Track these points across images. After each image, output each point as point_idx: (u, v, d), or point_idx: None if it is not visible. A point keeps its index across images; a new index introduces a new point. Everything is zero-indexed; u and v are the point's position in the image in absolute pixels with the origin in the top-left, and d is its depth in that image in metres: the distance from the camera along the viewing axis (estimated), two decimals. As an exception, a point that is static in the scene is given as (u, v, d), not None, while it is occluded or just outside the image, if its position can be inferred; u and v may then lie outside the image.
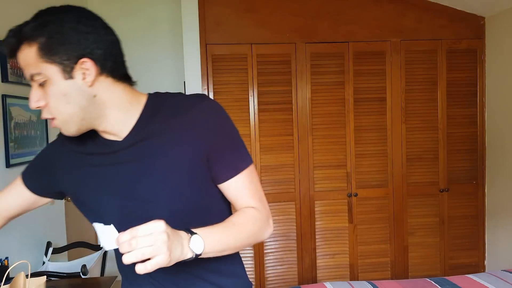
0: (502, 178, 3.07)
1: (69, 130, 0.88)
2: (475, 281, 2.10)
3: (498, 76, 3.07)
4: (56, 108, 0.84)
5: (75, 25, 0.82)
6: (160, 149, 0.89)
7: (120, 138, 0.91)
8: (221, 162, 0.92)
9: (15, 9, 2.29)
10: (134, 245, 0.71)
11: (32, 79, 0.83)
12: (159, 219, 0.76)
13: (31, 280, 1.50)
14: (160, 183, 0.89)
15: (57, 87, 0.82)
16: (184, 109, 0.90)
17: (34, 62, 0.82)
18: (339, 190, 3.08)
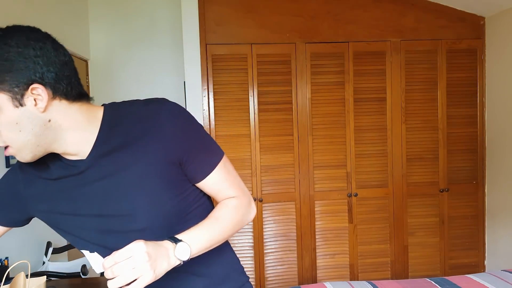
0: (502, 178, 3.07)
1: (24, 158, 0.85)
2: (475, 281, 2.10)
3: (498, 76, 3.07)
4: (9, 137, 0.81)
5: (23, 49, 0.77)
6: (127, 161, 0.86)
7: (83, 157, 0.87)
8: (195, 162, 0.91)
9: (15, 8, 2.30)
10: (116, 271, 0.73)
11: None
12: (137, 237, 0.77)
13: (31, 280, 1.49)
14: (134, 194, 0.87)
15: (8, 116, 0.78)
16: (145, 117, 0.87)
17: None
18: (339, 190, 3.08)
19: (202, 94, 2.95)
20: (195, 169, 0.92)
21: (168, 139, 0.87)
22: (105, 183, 0.87)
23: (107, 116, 0.88)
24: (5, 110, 0.78)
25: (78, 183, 0.89)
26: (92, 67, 3.62)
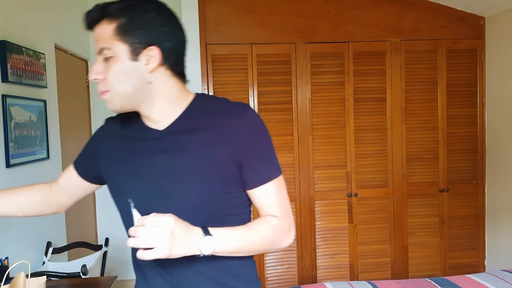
0: (502, 178, 3.07)
1: (114, 106, 0.93)
2: (475, 281, 2.10)
3: (498, 76, 3.07)
4: (112, 83, 0.90)
5: (156, 16, 0.90)
6: (194, 145, 0.93)
7: (160, 127, 0.97)
8: (254, 168, 0.96)
9: (15, 8, 2.29)
10: (139, 233, 0.77)
11: (100, 52, 0.91)
12: (173, 213, 0.83)
13: (31, 280, 1.49)
14: (186, 176, 0.93)
15: (122, 65, 0.89)
16: (226, 114, 0.95)
17: (108, 37, 0.89)
18: (339, 190, 3.08)
19: (202, 94, 2.95)
20: (252, 174, 0.97)
21: (237, 138, 0.93)
22: (168, 157, 0.94)
23: (195, 102, 0.98)
24: (121, 60, 0.89)
25: (145, 149, 0.97)
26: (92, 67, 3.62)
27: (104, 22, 0.90)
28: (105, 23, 0.90)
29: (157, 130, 0.97)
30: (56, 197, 1.18)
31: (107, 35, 0.89)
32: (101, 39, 0.90)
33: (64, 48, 3.01)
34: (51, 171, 2.63)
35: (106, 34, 0.90)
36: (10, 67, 2.12)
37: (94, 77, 0.91)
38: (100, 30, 0.91)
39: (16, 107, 2.19)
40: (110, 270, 3.34)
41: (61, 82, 2.85)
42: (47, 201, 1.18)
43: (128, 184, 0.98)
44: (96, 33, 0.92)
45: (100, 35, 0.90)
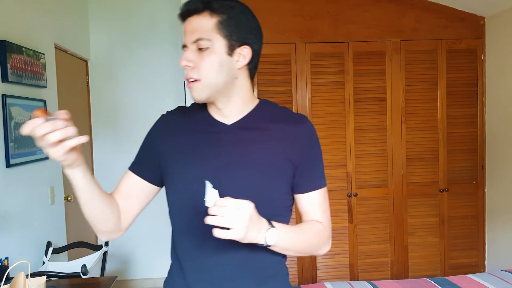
0: (502, 178, 3.07)
1: (201, 95, 0.98)
2: (475, 281, 2.10)
3: (498, 76, 3.07)
4: (206, 73, 0.96)
5: (250, 19, 1.02)
6: (260, 142, 1.01)
7: (228, 122, 1.04)
8: (307, 174, 1.05)
9: (15, 8, 2.29)
10: (221, 212, 0.82)
11: (195, 41, 0.96)
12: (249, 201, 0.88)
13: (31, 280, 1.50)
14: (252, 169, 0.99)
15: (217, 57, 0.96)
16: (289, 120, 1.05)
17: (208, 30, 0.96)
18: (339, 190, 3.08)
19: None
20: (306, 179, 1.05)
21: (298, 143, 1.03)
22: (235, 150, 1.01)
23: (261, 105, 1.08)
24: (218, 52, 0.96)
25: (212, 141, 1.03)
26: (92, 67, 3.62)
27: (206, 14, 0.96)
28: (206, 16, 0.96)
29: (225, 124, 1.04)
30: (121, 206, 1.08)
31: (208, 28, 0.96)
32: (200, 30, 0.96)
33: (64, 48, 3.01)
34: (51, 171, 2.63)
35: (206, 26, 0.96)
36: (10, 67, 2.12)
37: (186, 64, 0.96)
38: (199, 21, 0.96)
39: (16, 107, 2.19)
40: (110, 270, 3.34)
41: (61, 82, 2.85)
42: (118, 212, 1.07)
43: (196, 174, 1.00)
44: (193, 23, 0.97)
45: (199, 26, 0.96)
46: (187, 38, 0.98)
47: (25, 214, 2.30)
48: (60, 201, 2.76)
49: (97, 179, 1.02)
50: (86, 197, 0.96)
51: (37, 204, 2.45)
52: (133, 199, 1.09)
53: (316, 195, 1.07)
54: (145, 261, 3.73)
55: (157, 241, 3.71)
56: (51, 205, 2.61)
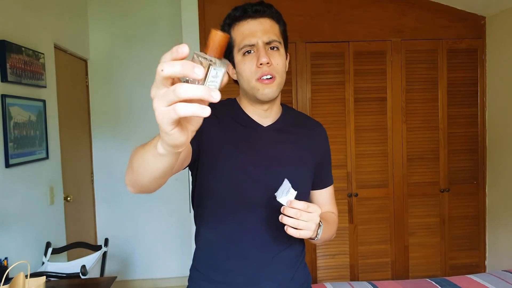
0: (503, 178, 3.06)
1: (274, 92, 1.06)
2: (475, 282, 2.09)
3: (499, 75, 3.06)
4: (280, 72, 1.05)
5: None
6: (291, 144, 1.12)
7: (264, 124, 1.13)
8: (324, 170, 1.22)
9: (15, 8, 2.29)
10: (299, 215, 0.88)
11: (268, 43, 1.04)
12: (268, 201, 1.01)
13: (30, 280, 1.49)
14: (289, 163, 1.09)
15: (284, 60, 1.08)
16: (310, 125, 1.21)
17: (278, 34, 1.07)
18: (340, 190, 3.07)
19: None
20: (324, 176, 1.22)
21: (320, 145, 1.20)
22: (271, 148, 1.09)
23: (286, 110, 1.19)
24: (283, 56, 1.08)
25: (252, 139, 1.10)
26: (92, 66, 3.61)
27: (273, 20, 1.07)
28: (273, 21, 1.07)
29: (262, 126, 1.12)
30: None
31: (277, 32, 1.07)
32: (272, 32, 1.05)
33: (63, 48, 3.01)
34: (51, 171, 2.62)
35: (276, 31, 1.07)
36: (9, 67, 2.12)
37: (267, 61, 1.02)
38: (270, 24, 1.06)
39: (15, 107, 2.19)
40: (109, 271, 3.34)
41: (60, 82, 2.84)
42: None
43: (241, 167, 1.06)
44: (266, 25, 1.05)
45: (272, 29, 1.05)
46: (258, 38, 1.03)
47: (25, 214, 2.30)
48: (60, 201, 2.76)
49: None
50: (163, 173, 0.75)
51: (36, 204, 2.44)
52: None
53: (330, 190, 1.24)
54: (144, 261, 3.72)
55: (157, 242, 3.71)
56: (50, 205, 2.61)
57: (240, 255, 1.07)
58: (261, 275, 1.08)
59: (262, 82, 1.03)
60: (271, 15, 1.07)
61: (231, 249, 1.08)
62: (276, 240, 1.08)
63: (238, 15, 1.05)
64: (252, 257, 1.07)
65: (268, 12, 1.06)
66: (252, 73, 1.04)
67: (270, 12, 1.07)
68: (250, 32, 1.03)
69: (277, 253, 1.10)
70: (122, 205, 3.65)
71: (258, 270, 1.07)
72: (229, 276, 1.07)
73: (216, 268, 1.09)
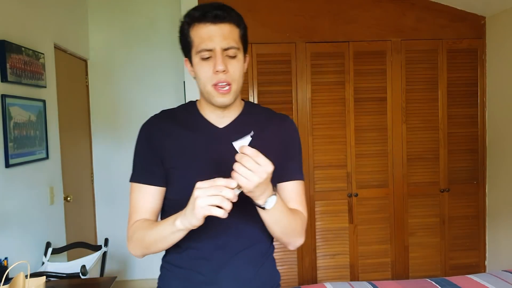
0: (503, 178, 3.06)
1: (231, 99, 1.06)
2: (475, 282, 2.09)
3: (499, 76, 3.06)
4: (237, 79, 1.05)
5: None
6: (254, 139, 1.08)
7: (220, 125, 1.12)
8: (291, 164, 1.15)
9: (15, 8, 2.29)
10: (244, 161, 0.87)
11: (226, 49, 1.02)
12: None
13: (30, 280, 1.49)
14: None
15: (242, 65, 1.06)
16: (275, 119, 1.18)
17: (237, 39, 1.04)
18: (340, 190, 3.07)
19: (202, 94, 2.94)
20: (289, 169, 1.14)
21: (283, 137, 1.15)
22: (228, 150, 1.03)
23: (247, 106, 1.18)
24: (241, 61, 1.06)
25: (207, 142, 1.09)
26: (92, 67, 3.61)
27: (233, 24, 1.04)
28: (233, 26, 1.04)
29: (217, 127, 1.11)
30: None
31: (236, 37, 1.04)
32: (231, 38, 1.03)
33: (63, 48, 3.01)
34: (51, 171, 2.62)
35: (235, 36, 1.04)
36: (9, 67, 2.12)
37: (223, 69, 1.01)
38: (229, 29, 1.03)
39: (15, 107, 2.19)
40: (109, 271, 3.33)
41: (60, 82, 2.84)
42: None
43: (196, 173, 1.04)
44: (224, 30, 1.02)
45: (230, 34, 1.03)
46: (216, 43, 1.01)
47: (25, 214, 2.30)
48: (60, 201, 2.76)
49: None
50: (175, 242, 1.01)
51: (36, 204, 2.44)
52: (158, 208, 1.14)
53: (296, 185, 1.16)
54: (144, 261, 3.70)
55: (157, 241, 3.70)
56: (50, 206, 2.61)
57: (200, 256, 1.09)
58: (221, 274, 1.08)
59: (217, 90, 1.04)
60: (231, 20, 1.03)
61: (191, 251, 1.10)
62: (236, 240, 1.09)
63: (197, 16, 1.03)
64: (212, 257, 1.08)
65: (228, 17, 1.03)
66: (208, 78, 1.03)
67: (230, 17, 1.03)
68: (208, 37, 1.01)
69: (237, 252, 1.10)
70: (122, 205, 3.64)
71: (218, 269, 1.08)
72: (192, 276, 1.10)
73: (180, 266, 1.13)
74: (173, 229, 0.95)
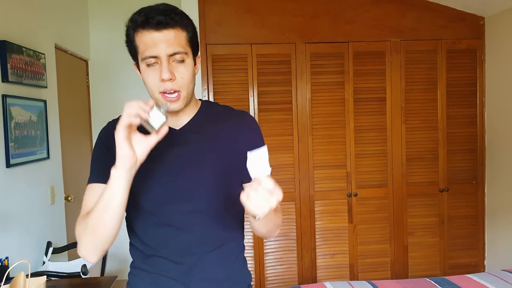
0: (502, 178, 3.07)
1: (181, 105, 1.03)
2: (475, 281, 2.10)
3: (498, 76, 3.07)
4: (185, 85, 1.02)
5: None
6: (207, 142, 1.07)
7: (176, 127, 1.08)
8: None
9: (16, 8, 2.30)
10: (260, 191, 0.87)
11: (171, 55, 0.99)
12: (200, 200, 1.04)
13: (31, 280, 1.50)
14: (201, 168, 1.05)
15: (191, 69, 1.03)
16: (232, 116, 1.14)
17: (183, 44, 1.00)
18: (339, 190, 3.08)
19: (202, 94, 2.96)
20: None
21: (243, 134, 1.11)
22: (185, 152, 1.06)
23: (204, 105, 1.15)
24: (190, 64, 1.03)
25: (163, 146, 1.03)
26: (92, 67, 3.62)
27: (179, 29, 0.99)
28: (179, 30, 0.99)
29: (174, 129, 1.07)
30: None
31: (183, 42, 1.00)
32: (177, 43, 0.99)
33: (64, 48, 3.02)
34: (51, 171, 2.63)
35: (182, 40, 1.00)
36: (10, 67, 2.12)
37: (168, 77, 0.98)
38: (175, 35, 0.99)
39: (16, 107, 2.20)
40: (110, 270, 3.34)
41: (61, 82, 2.85)
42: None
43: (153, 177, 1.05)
44: (170, 36, 0.98)
45: (176, 40, 0.99)
46: (161, 50, 0.97)
47: (25, 214, 2.30)
48: (60, 201, 2.76)
49: None
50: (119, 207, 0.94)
51: (37, 204, 2.45)
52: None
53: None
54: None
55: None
56: (51, 205, 2.61)
57: (167, 260, 1.07)
58: (191, 277, 1.07)
59: (165, 98, 1.00)
60: (175, 24, 0.99)
61: (157, 255, 1.08)
62: (201, 242, 1.07)
63: (139, 23, 1.00)
64: (180, 260, 1.06)
65: (172, 23, 0.98)
66: (155, 86, 1.00)
67: (174, 22, 0.98)
68: (152, 43, 0.98)
69: (204, 254, 1.08)
70: (123, 205, 3.65)
71: (187, 272, 1.07)
72: (160, 280, 1.08)
73: (147, 271, 1.10)
74: (110, 182, 0.92)
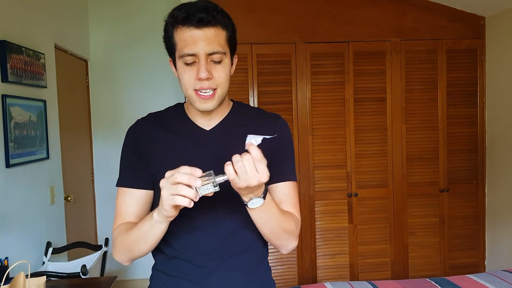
0: (503, 178, 3.07)
1: (214, 104, 1.02)
2: (475, 281, 2.10)
3: (498, 76, 3.07)
4: (222, 83, 1.01)
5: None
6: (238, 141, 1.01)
7: (207, 127, 1.09)
8: (282, 165, 1.09)
9: (16, 8, 2.29)
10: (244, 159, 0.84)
11: (210, 54, 0.97)
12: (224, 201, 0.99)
13: (31, 280, 1.49)
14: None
15: (228, 69, 1.02)
16: (265, 118, 1.13)
17: (223, 43, 0.99)
18: (339, 190, 3.08)
19: (202, 94, 2.95)
20: (280, 169, 1.08)
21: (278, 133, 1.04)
22: (215, 151, 1.04)
23: (236, 106, 1.15)
24: (228, 64, 1.03)
25: (193, 145, 1.06)
26: (92, 67, 3.62)
27: (218, 27, 0.98)
28: (219, 29, 0.98)
29: (205, 129, 1.08)
30: None
31: (222, 41, 0.99)
32: (216, 42, 0.97)
33: (64, 48, 3.01)
34: (51, 171, 2.63)
35: (221, 40, 0.99)
36: (10, 67, 2.12)
37: (207, 76, 0.97)
38: (215, 33, 0.97)
39: (16, 107, 2.19)
40: (110, 270, 3.34)
41: (61, 82, 2.85)
42: None
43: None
44: (210, 34, 0.97)
45: (216, 39, 0.97)
46: (200, 48, 0.96)
47: (25, 214, 2.30)
48: (60, 201, 2.76)
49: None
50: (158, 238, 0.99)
51: (37, 204, 2.45)
52: (144, 213, 1.09)
53: (288, 187, 1.10)
54: (145, 261, 3.71)
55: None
56: (51, 205, 2.61)
57: (189, 263, 1.06)
58: (210, 281, 1.05)
59: (199, 96, 1.00)
60: (216, 23, 0.97)
61: (180, 257, 1.07)
62: (225, 245, 1.06)
63: (180, 19, 0.97)
64: (202, 264, 1.05)
65: (214, 21, 0.96)
66: (190, 84, 0.99)
67: (215, 20, 0.97)
68: (192, 41, 0.96)
69: (227, 258, 1.06)
70: (122, 205, 3.65)
71: (207, 276, 1.05)
72: (181, 283, 1.07)
73: (168, 274, 1.10)
74: (152, 222, 0.93)
